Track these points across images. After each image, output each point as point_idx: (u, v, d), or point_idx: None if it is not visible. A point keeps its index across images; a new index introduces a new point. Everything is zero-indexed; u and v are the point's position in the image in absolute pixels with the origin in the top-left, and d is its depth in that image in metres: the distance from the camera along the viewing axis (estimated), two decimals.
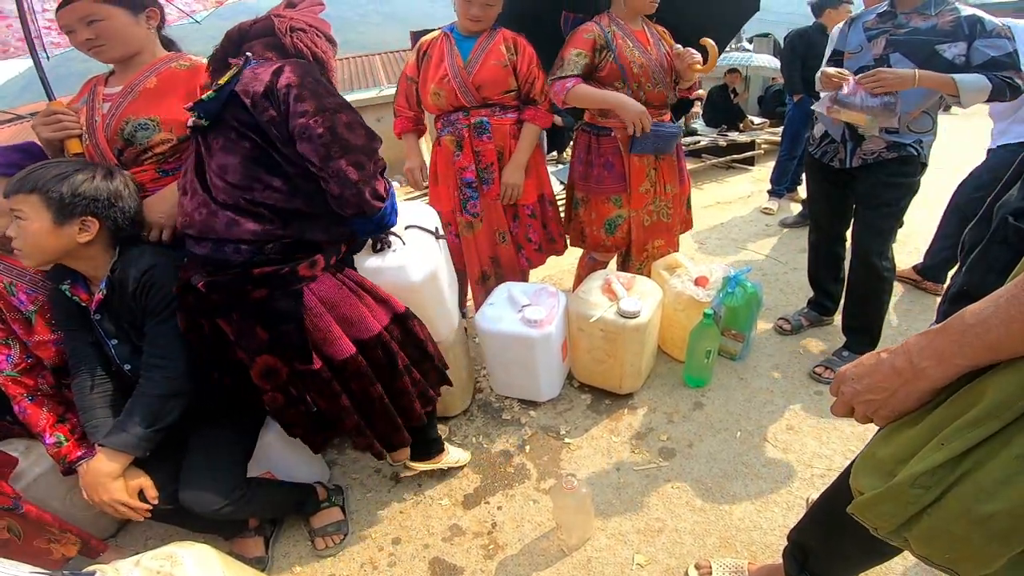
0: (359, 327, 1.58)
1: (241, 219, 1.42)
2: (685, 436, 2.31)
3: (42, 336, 1.73)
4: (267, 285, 1.44)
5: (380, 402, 1.65)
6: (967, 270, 0.92)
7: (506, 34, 2.40)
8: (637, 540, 1.90)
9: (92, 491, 1.50)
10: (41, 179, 1.46)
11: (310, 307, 1.49)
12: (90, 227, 1.52)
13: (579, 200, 2.69)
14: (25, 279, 1.71)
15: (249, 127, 1.42)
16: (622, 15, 2.39)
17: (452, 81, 2.37)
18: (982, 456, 0.68)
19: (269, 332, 1.47)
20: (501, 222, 2.59)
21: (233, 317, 1.48)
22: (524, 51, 2.40)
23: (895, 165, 2.27)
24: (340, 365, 1.54)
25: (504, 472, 2.22)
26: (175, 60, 1.82)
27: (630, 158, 2.50)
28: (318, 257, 1.51)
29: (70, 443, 1.65)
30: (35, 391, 1.71)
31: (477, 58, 2.37)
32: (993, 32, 2.00)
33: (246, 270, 1.42)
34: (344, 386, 1.58)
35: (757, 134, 6.42)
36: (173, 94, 1.74)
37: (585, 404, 2.54)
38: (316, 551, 1.97)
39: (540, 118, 2.48)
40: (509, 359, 2.42)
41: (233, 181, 1.42)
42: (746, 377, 2.64)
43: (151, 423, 1.54)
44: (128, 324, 1.62)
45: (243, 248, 1.43)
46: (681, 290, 2.57)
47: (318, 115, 1.40)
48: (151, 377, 1.57)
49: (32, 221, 1.45)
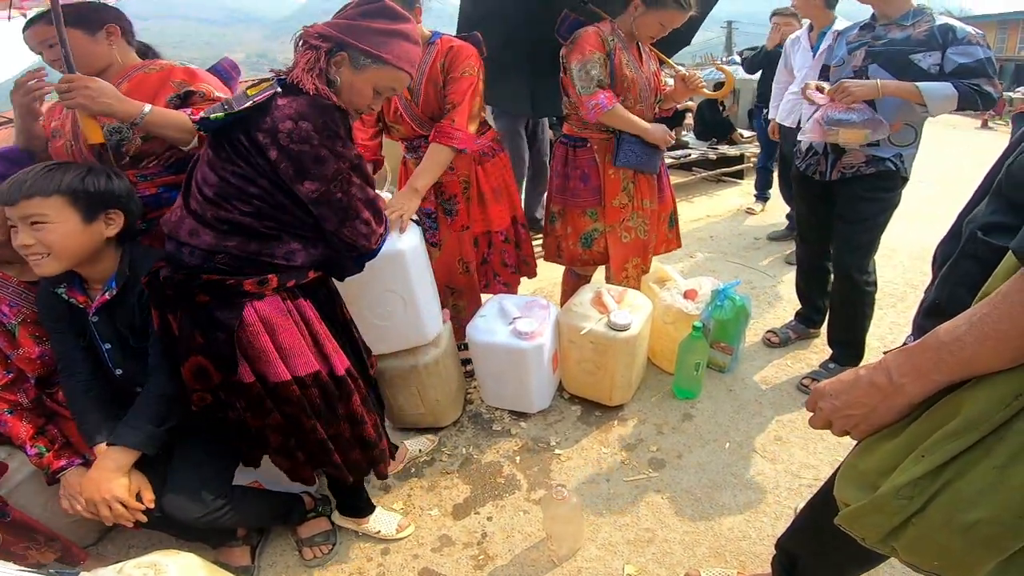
0: (294, 361, 1.53)
1: (202, 229, 1.43)
2: (675, 447, 2.32)
3: (26, 348, 1.71)
4: (211, 292, 1.44)
5: (314, 434, 1.62)
6: (939, 284, 0.95)
7: (443, 46, 2.23)
8: (627, 550, 1.90)
9: (93, 489, 1.48)
10: (62, 180, 1.44)
11: (248, 323, 1.47)
12: (115, 220, 1.55)
13: (555, 214, 2.67)
14: (8, 290, 1.69)
15: (239, 153, 1.40)
16: (625, 29, 2.38)
17: (404, 114, 2.31)
18: (963, 467, 0.70)
19: (204, 336, 1.47)
20: (467, 252, 2.53)
21: (178, 314, 1.49)
22: (453, 59, 2.20)
23: (873, 180, 2.29)
24: (273, 387, 1.52)
25: (494, 483, 2.22)
26: (146, 66, 1.82)
27: (606, 171, 2.49)
28: (270, 276, 1.48)
29: (51, 454, 1.64)
30: (15, 405, 1.69)
31: (418, 85, 2.23)
32: (964, 40, 2.04)
33: (196, 274, 1.44)
34: (276, 407, 1.56)
35: (747, 147, 6.46)
36: (145, 96, 1.71)
37: (575, 415, 2.54)
38: (304, 561, 1.96)
39: (446, 136, 2.16)
40: (500, 370, 2.43)
41: (208, 196, 1.43)
42: (735, 389, 2.65)
43: (160, 422, 1.56)
44: (127, 326, 1.62)
45: (196, 252, 1.44)
46: (671, 303, 2.60)
47: (336, 179, 1.43)
48: (159, 376, 1.59)
49: (58, 224, 1.44)
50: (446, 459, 2.36)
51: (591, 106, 2.30)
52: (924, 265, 3.85)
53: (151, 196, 1.80)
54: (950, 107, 2.05)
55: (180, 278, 1.44)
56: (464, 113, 2.18)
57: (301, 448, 1.65)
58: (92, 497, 1.49)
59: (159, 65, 1.83)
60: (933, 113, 2.08)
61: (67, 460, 1.64)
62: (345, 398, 1.64)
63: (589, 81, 2.29)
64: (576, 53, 2.31)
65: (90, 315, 1.59)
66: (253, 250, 1.45)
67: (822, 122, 2.21)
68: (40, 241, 1.43)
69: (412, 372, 2.26)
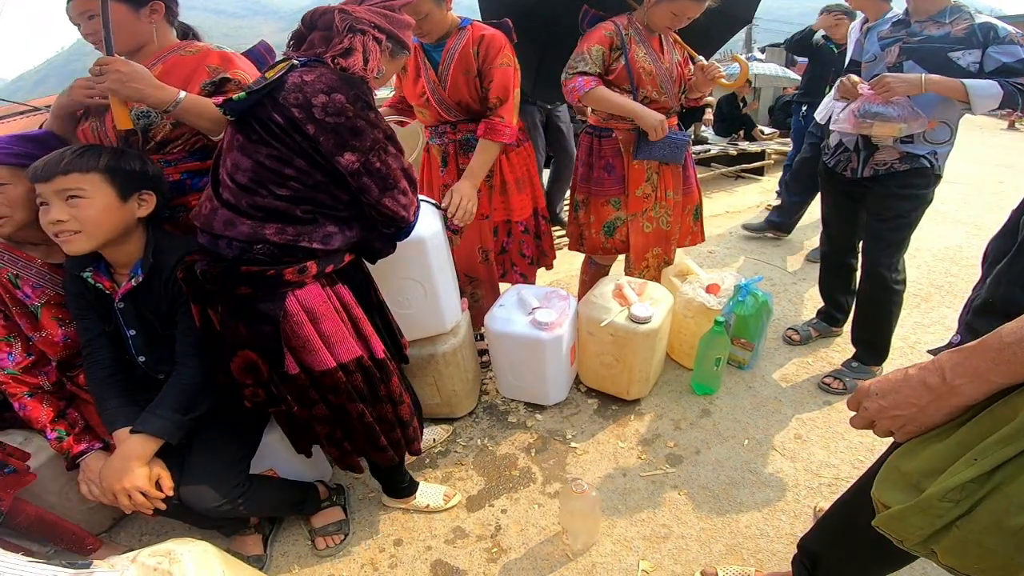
0: (337, 348, 1.53)
1: (238, 219, 1.40)
2: (692, 443, 2.29)
3: (49, 331, 1.70)
4: (251, 284, 1.41)
5: (360, 419, 1.62)
6: (992, 282, 0.91)
7: (476, 33, 2.22)
8: (643, 546, 1.88)
9: (113, 477, 1.47)
10: (100, 160, 1.46)
11: (292, 313, 1.45)
12: (147, 201, 1.56)
13: (579, 202, 2.66)
14: (31, 272, 1.68)
15: (273, 134, 1.36)
16: (642, 21, 2.36)
17: (431, 98, 2.31)
18: (1016, 471, 0.68)
19: (248, 329, 1.45)
20: (487, 240, 2.53)
21: (219, 308, 1.47)
22: (488, 47, 2.20)
23: (907, 176, 2.24)
24: (318, 376, 1.51)
25: (509, 475, 2.20)
26: (182, 48, 1.78)
27: (630, 160, 2.49)
28: (309, 264, 1.46)
29: (71, 438, 1.64)
30: (36, 388, 1.69)
31: (447, 70, 2.24)
32: (1006, 39, 1.99)
33: (234, 266, 1.41)
34: (322, 396, 1.56)
35: (767, 144, 6.41)
36: (178, 80, 1.68)
37: (592, 409, 2.52)
38: (316, 551, 1.95)
39: (496, 132, 2.21)
40: (517, 361, 2.40)
41: (242, 183, 1.39)
42: (754, 386, 2.61)
43: (186, 411, 1.56)
44: (153, 313, 1.61)
45: (234, 244, 1.41)
46: (692, 297, 2.55)
47: (375, 149, 1.42)
48: (187, 365, 1.59)
49: (95, 199, 1.45)
50: (461, 450, 2.34)
51: (569, 89, 2.34)
52: (949, 265, 3.78)
53: (174, 183, 1.78)
54: (993, 106, 2.00)
55: (218, 271, 1.41)
56: (511, 108, 2.24)
57: (348, 438, 1.66)
58: (112, 486, 1.47)
59: (195, 48, 1.78)
60: (976, 111, 2.03)
61: (88, 444, 1.64)
62: (386, 379, 1.65)
63: (571, 69, 2.35)
64: (581, 44, 2.36)
65: (116, 301, 1.58)
66: (291, 236, 1.42)
67: (857, 113, 2.16)
68: (75, 217, 1.43)
69: (430, 361, 2.24)
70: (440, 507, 2.06)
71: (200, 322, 1.53)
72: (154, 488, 1.51)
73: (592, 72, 2.32)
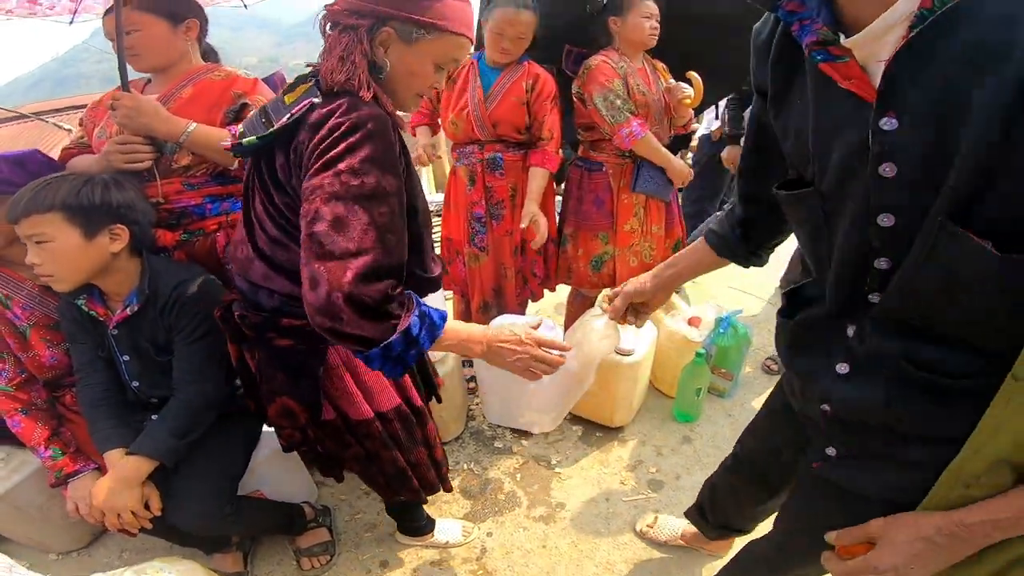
0: (379, 398, 1.45)
1: (276, 275, 1.27)
2: (673, 469, 2.34)
3: (37, 351, 1.71)
4: (292, 337, 1.31)
5: (393, 464, 1.55)
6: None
7: (531, 69, 2.36)
8: (625, 570, 1.92)
9: (105, 497, 1.49)
10: (56, 195, 1.39)
11: (333, 366, 1.38)
12: (120, 235, 1.50)
13: (567, 236, 2.68)
14: (22, 293, 1.68)
15: (286, 179, 1.18)
16: (626, 52, 2.38)
17: (471, 114, 2.37)
18: None
19: (287, 378, 1.38)
20: (507, 259, 2.60)
21: (256, 354, 1.41)
22: (542, 88, 2.35)
23: None
24: (355, 424, 1.44)
25: (495, 499, 2.24)
26: (211, 71, 1.77)
27: (619, 195, 2.52)
28: None
29: (66, 457, 1.66)
30: (29, 405, 1.70)
31: (498, 93, 2.35)
32: None
33: (275, 317, 1.30)
34: (357, 440, 1.49)
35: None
36: (206, 105, 1.70)
37: (576, 435, 2.56)
38: (301, 571, 1.97)
39: (549, 161, 2.40)
40: (504, 390, 2.45)
41: (272, 234, 1.24)
42: (734, 413, 2.68)
43: (183, 435, 1.57)
44: (148, 340, 1.61)
45: (275, 296, 1.30)
46: (675, 329, 2.63)
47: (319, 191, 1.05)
48: (186, 391, 1.60)
49: (59, 241, 1.40)
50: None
51: (624, 135, 2.31)
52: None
53: (195, 206, 1.77)
54: None
55: (258, 321, 1.31)
56: (557, 143, 2.45)
57: (382, 474, 1.59)
58: (102, 505, 1.49)
59: (223, 72, 1.78)
60: None
61: (82, 464, 1.66)
62: (423, 424, 1.58)
63: (617, 111, 2.30)
64: (594, 84, 2.31)
65: (110, 328, 1.59)
66: None
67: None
68: (45, 261, 1.41)
69: None
70: (460, 543, 2.04)
71: (237, 362, 1.48)
72: (144, 509, 1.53)
73: (635, 109, 2.34)
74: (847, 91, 0.71)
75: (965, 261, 0.64)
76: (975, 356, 0.73)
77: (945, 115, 0.63)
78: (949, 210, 0.63)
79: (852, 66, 0.69)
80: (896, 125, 0.66)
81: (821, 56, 0.71)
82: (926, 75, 0.62)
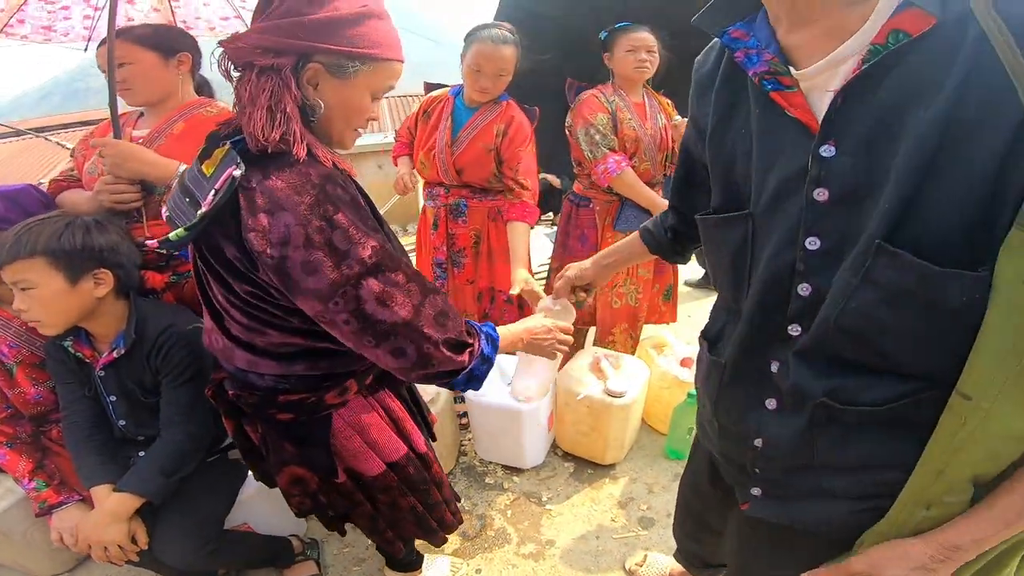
0: (387, 450, 1.41)
1: (260, 360, 1.20)
2: (665, 506, 2.33)
3: (23, 388, 1.71)
4: (292, 411, 1.27)
5: (413, 512, 1.52)
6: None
7: (507, 112, 2.28)
8: None
9: (92, 531, 1.49)
10: (38, 241, 1.38)
11: (337, 430, 1.32)
12: (104, 280, 1.50)
13: (552, 271, 2.71)
14: (9, 331, 1.68)
15: (238, 272, 1.06)
16: (622, 86, 2.42)
17: (436, 156, 2.33)
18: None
19: (296, 448, 1.33)
20: (470, 306, 2.57)
21: (259, 427, 1.36)
22: (515, 133, 2.26)
23: None
24: (369, 481, 1.40)
25: (484, 535, 2.22)
26: (204, 106, 1.79)
27: (604, 233, 2.53)
28: (349, 383, 1.29)
29: (50, 489, 1.66)
30: (14, 439, 1.70)
31: (465, 139, 2.29)
32: None
33: (271, 395, 1.25)
34: (368, 497, 1.45)
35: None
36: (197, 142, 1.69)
37: (568, 472, 2.56)
38: None
39: (530, 215, 2.29)
40: (496, 428, 2.46)
41: (244, 323, 1.15)
42: None
43: (171, 473, 1.58)
44: (135, 382, 1.63)
45: (266, 377, 1.24)
46: (667, 370, 2.65)
47: (336, 296, 1.01)
48: (173, 432, 1.60)
49: (43, 287, 1.39)
50: None
51: (600, 171, 2.33)
52: None
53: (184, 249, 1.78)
54: None
55: (255, 401, 1.27)
56: (536, 191, 2.33)
57: (392, 526, 1.55)
58: (89, 538, 1.50)
59: (217, 108, 1.79)
60: None
61: (66, 496, 1.67)
62: (428, 467, 1.55)
63: (595, 146, 2.33)
64: (578, 118, 2.38)
65: (96, 370, 1.61)
66: (324, 368, 1.24)
67: None
68: (31, 307, 1.41)
69: None
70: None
71: (235, 435, 1.43)
72: (130, 543, 1.53)
73: (615, 144, 2.33)
74: (792, 118, 0.75)
75: (901, 281, 0.67)
76: (900, 382, 0.75)
77: (880, 143, 0.67)
78: (884, 233, 0.67)
79: (798, 95, 0.74)
80: (834, 152, 0.70)
81: (771, 85, 0.76)
82: (867, 106, 0.68)
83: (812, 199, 0.73)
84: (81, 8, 2.16)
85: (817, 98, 0.73)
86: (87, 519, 1.53)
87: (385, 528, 1.54)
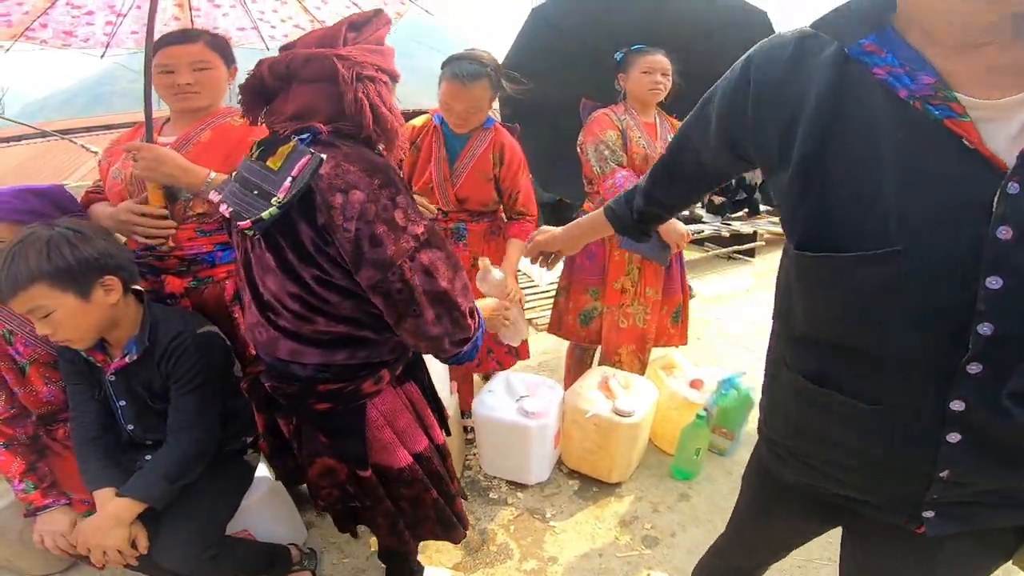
0: (412, 440, 1.47)
1: (305, 349, 1.29)
2: (669, 526, 2.32)
3: (35, 387, 1.72)
4: (330, 400, 1.34)
5: (435, 505, 1.54)
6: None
7: (498, 137, 2.30)
8: None
9: (92, 534, 1.50)
10: (28, 267, 1.35)
11: (372, 420, 1.39)
12: (112, 285, 1.50)
13: (561, 288, 2.71)
14: (26, 329, 1.68)
15: (305, 255, 1.17)
16: (634, 106, 2.44)
17: (436, 189, 2.33)
18: None
19: (330, 439, 1.39)
20: None
21: (293, 420, 1.42)
22: (511, 159, 2.30)
23: None
24: (395, 474, 1.44)
25: (487, 551, 2.22)
26: (231, 115, 1.78)
27: (611, 251, 2.52)
28: (383, 372, 1.37)
29: (37, 492, 1.66)
30: (12, 440, 1.71)
31: (463, 169, 2.29)
32: None
33: (310, 385, 1.32)
34: (391, 493, 1.48)
35: (759, 224, 6.23)
36: (224, 152, 1.68)
37: (573, 490, 2.55)
38: None
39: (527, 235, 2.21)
40: (502, 443, 2.46)
41: (295, 310, 1.24)
42: (733, 472, 2.65)
43: (175, 479, 1.58)
44: (145, 387, 1.64)
45: (308, 366, 1.32)
46: (676, 390, 2.65)
47: (395, 266, 1.14)
48: (179, 438, 1.61)
49: (59, 308, 1.40)
50: None
51: (608, 185, 2.31)
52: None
53: (206, 254, 1.78)
54: None
55: (292, 390, 1.34)
56: (536, 216, 2.44)
57: (411, 527, 1.56)
58: (89, 542, 1.51)
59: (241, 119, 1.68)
60: None
61: (52, 499, 1.67)
62: (444, 459, 1.60)
63: (604, 161, 2.33)
64: (589, 135, 2.39)
65: (107, 375, 1.62)
66: (363, 358, 1.33)
67: None
68: (55, 330, 1.42)
69: None
70: None
71: (265, 429, 1.50)
72: (130, 548, 1.54)
73: (624, 160, 2.33)
74: (971, 150, 0.70)
75: None
76: None
77: None
78: None
79: (970, 126, 0.70)
80: (1018, 189, 0.67)
81: (941, 112, 0.71)
82: None
83: (994, 236, 0.69)
84: (104, 14, 2.16)
85: (992, 129, 0.69)
86: (89, 522, 1.54)
87: (404, 528, 1.55)
